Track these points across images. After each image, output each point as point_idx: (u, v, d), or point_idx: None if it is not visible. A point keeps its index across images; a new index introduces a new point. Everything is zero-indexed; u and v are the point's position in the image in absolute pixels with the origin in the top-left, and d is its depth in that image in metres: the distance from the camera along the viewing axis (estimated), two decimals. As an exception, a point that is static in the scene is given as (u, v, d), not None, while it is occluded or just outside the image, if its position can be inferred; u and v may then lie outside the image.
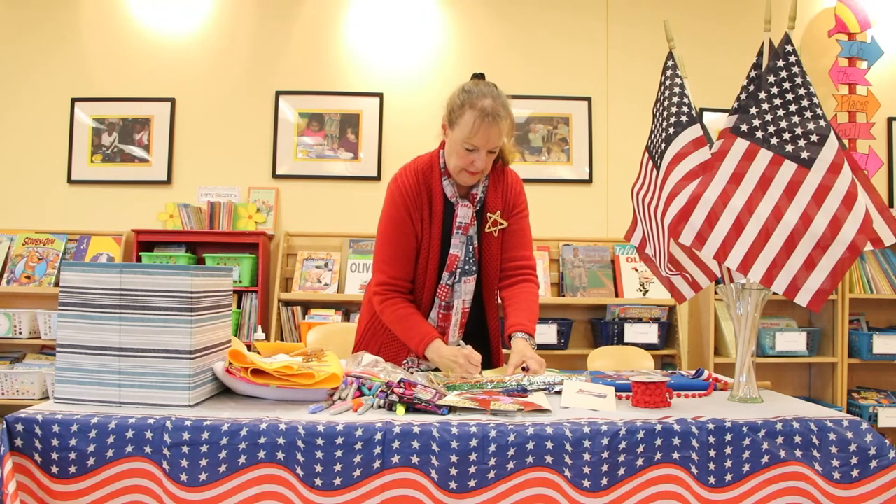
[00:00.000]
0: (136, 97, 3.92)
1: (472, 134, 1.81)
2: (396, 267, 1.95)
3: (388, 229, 1.95)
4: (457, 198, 1.94)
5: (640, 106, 3.74)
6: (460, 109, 1.83)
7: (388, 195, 1.97)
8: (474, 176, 1.90)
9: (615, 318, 3.66)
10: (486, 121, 1.80)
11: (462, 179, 1.92)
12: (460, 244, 1.94)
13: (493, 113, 1.80)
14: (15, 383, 3.49)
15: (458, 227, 1.94)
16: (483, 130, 1.80)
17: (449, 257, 1.95)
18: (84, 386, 1.44)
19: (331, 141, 3.95)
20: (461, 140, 1.83)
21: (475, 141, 1.82)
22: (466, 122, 1.81)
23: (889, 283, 3.77)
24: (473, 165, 1.85)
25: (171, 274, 1.44)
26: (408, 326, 1.92)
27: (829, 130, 1.51)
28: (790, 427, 1.38)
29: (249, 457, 1.28)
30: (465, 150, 1.84)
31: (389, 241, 1.96)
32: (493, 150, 1.86)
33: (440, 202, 1.94)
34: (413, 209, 1.93)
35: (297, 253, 3.85)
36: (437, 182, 1.94)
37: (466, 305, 1.97)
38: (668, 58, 1.84)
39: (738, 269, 1.52)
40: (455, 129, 1.85)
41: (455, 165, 1.89)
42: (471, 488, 1.28)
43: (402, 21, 3.99)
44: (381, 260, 1.98)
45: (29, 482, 1.28)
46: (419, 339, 1.89)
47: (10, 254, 3.70)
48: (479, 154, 1.84)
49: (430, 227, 1.94)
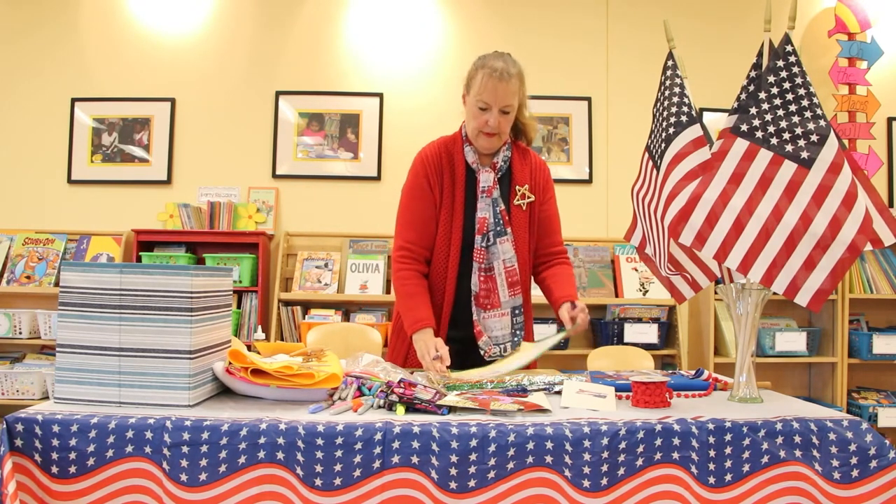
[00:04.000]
0: (136, 97, 3.92)
1: (483, 90, 1.91)
2: (413, 232, 2.01)
3: (407, 196, 2.04)
4: (478, 164, 2.02)
5: (640, 106, 3.74)
6: (474, 73, 1.96)
7: (412, 167, 2.06)
8: (491, 139, 1.97)
9: (615, 318, 3.66)
10: (494, 77, 1.90)
11: (480, 144, 1.99)
12: (486, 206, 2.00)
13: (503, 71, 1.91)
14: (15, 383, 3.49)
15: (481, 190, 2.00)
16: (492, 87, 1.90)
17: (478, 220, 1.99)
18: (84, 386, 1.44)
19: (331, 141, 3.95)
20: (475, 100, 1.94)
21: (486, 97, 1.91)
22: (478, 82, 1.93)
23: (889, 283, 3.77)
24: (487, 126, 1.93)
25: (171, 274, 1.44)
26: (411, 305, 1.96)
27: (829, 130, 1.51)
28: (790, 427, 1.38)
29: (249, 457, 1.28)
30: (478, 109, 1.94)
31: (408, 207, 2.03)
32: (505, 109, 1.94)
33: (462, 168, 2.02)
34: (433, 176, 2.01)
35: (297, 253, 3.85)
36: (459, 150, 2.03)
37: (509, 265, 2.01)
38: (668, 58, 1.84)
39: (738, 269, 1.52)
40: (470, 92, 1.97)
41: (472, 129, 1.97)
42: (471, 488, 1.28)
43: (402, 21, 3.99)
44: (401, 224, 2.05)
45: (29, 482, 1.28)
46: (413, 321, 1.93)
47: (10, 254, 3.70)
48: (492, 113, 1.93)
49: (454, 191, 2.01)
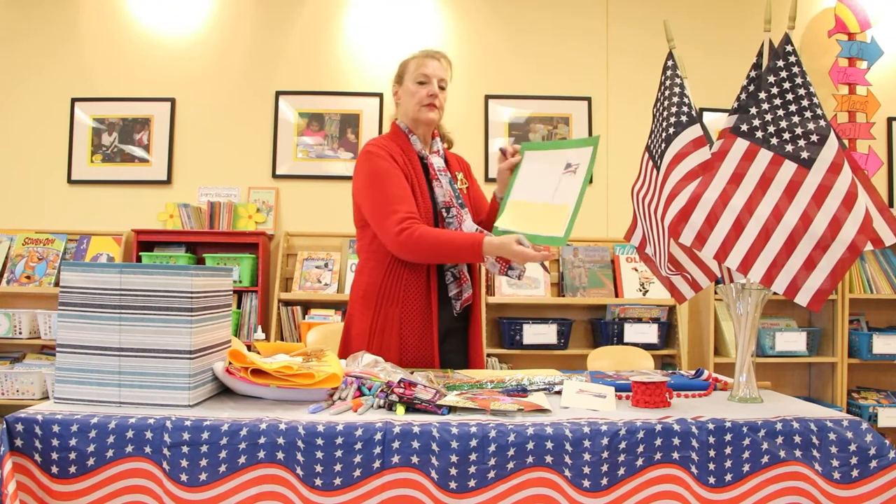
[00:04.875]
0: (136, 97, 3.92)
1: (419, 66, 2.06)
2: (407, 202, 1.95)
3: (383, 177, 1.97)
4: (425, 152, 2.10)
5: (640, 106, 3.74)
6: (404, 65, 2.11)
7: (365, 158, 2.02)
8: (434, 111, 2.06)
9: (615, 318, 3.66)
10: (429, 55, 2.08)
11: (424, 116, 2.06)
12: (447, 182, 2.08)
13: (434, 50, 2.11)
14: (15, 383, 3.49)
15: (438, 170, 2.09)
16: (428, 62, 2.07)
17: (447, 195, 2.05)
18: (84, 386, 1.44)
19: (331, 141, 3.96)
20: (413, 78, 2.06)
21: (424, 70, 2.05)
22: (413, 64, 2.08)
23: (889, 283, 3.77)
24: (429, 97, 2.04)
25: (171, 274, 1.44)
26: (450, 240, 1.90)
27: (830, 130, 1.51)
28: (790, 427, 1.38)
29: (249, 457, 1.28)
30: (418, 84, 2.05)
31: (392, 184, 1.96)
32: (441, 84, 2.07)
33: (414, 154, 2.09)
34: (397, 157, 2.03)
35: (297, 253, 3.85)
36: (405, 141, 2.10)
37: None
38: (668, 58, 1.84)
39: (738, 269, 1.52)
40: (405, 78, 2.09)
41: (415, 105, 2.06)
42: (471, 488, 1.28)
43: (402, 21, 3.99)
44: (392, 202, 1.93)
45: (29, 482, 1.28)
46: (469, 244, 1.86)
47: (10, 254, 3.70)
48: (432, 84, 2.05)
49: (414, 173, 2.04)
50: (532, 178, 2.00)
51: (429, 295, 2.00)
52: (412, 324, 1.99)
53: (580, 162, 1.88)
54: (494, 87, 4.00)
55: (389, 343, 1.97)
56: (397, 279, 1.99)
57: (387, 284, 1.99)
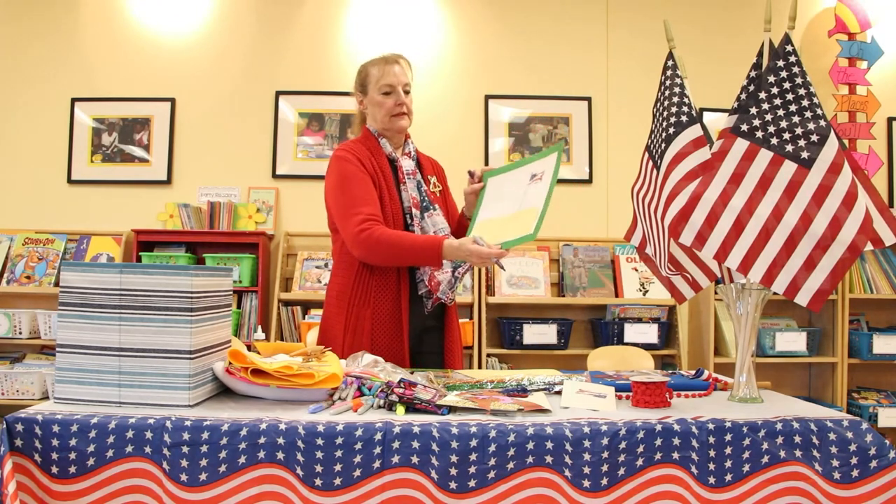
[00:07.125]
0: (136, 97, 3.92)
1: (382, 76, 2.05)
2: (371, 205, 1.97)
3: (348, 180, 2.00)
4: (395, 154, 2.10)
5: (640, 106, 3.74)
6: (365, 72, 2.10)
7: (334, 163, 2.04)
8: (404, 118, 2.07)
9: (615, 318, 3.66)
10: (389, 61, 2.07)
11: (395, 124, 2.07)
12: (413, 187, 2.07)
13: (391, 55, 2.09)
14: (15, 383, 3.49)
15: (406, 174, 2.08)
16: (389, 69, 2.05)
17: (409, 199, 2.05)
18: (84, 386, 1.44)
19: (331, 141, 3.95)
20: (377, 90, 2.05)
21: (387, 80, 2.04)
22: (374, 74, 2.07)
23: (889, 283, 3.77)
24: (397, 106, 2.04)
25: (171, 274, 1.44)
26: (410, 243, 1.90)
27: (830, 130, 1.51)
28: (790, 427, 1.38)
29: (249, 457, 1.28)
30: (383, 95, 2.05)
31: (357, 187, 1.98)
32: (405, 88, 2.07)
33: (384, 158, 2.09)
34: (366, 161, 2.04)
35: (297, 253, 3.85)
36: (375, 144, 2.10)
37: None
38: (668, 58, 1.84)
39: (738, 269, 1.52)
40: (369, 88, 2.08)
41: (384, 116, 2.06)
42: (471, 488, 1.28)
43: (402, 21, 3.99)
44: (356, 203, 1.96)
45: (29, 482, 1.28)
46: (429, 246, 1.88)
47: (10, 254, 3.70)
48: (398, 92, 2.05)
49: (383, 176, 2.05)
50: (498, 198, 2.00)
51: (399, 297, 2.01)
52: (383, 325, 2.00)
53: (545, 169, 1.90)
54: (494, 87, 4.00)
55: (361, 343, 1.98)
56: (366, 282, 2.01)
57: (357, 287, 2.02)
